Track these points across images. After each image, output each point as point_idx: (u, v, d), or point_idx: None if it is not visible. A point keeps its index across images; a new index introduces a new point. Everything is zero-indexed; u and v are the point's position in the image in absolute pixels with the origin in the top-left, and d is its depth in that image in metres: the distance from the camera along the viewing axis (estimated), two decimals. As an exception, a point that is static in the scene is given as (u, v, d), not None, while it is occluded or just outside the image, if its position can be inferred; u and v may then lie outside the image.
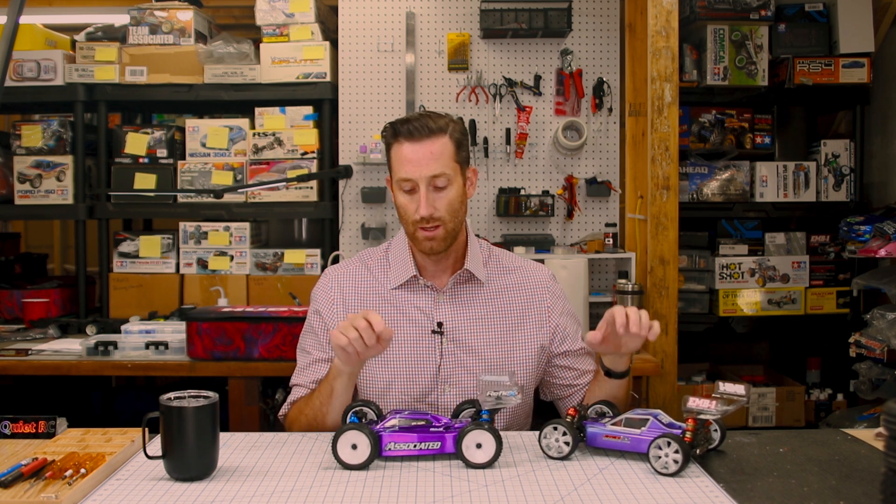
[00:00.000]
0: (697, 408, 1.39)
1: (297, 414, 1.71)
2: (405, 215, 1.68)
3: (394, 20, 3.20)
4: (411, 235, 1.69)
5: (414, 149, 1.63)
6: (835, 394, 3.36)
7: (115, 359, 2.61)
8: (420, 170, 1.63)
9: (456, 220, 1.68)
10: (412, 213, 1.65)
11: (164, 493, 1.26)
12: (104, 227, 3.22)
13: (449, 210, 1.66)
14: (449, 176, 1.65)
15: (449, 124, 1.67)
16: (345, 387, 1.59)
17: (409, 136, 1.64)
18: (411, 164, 1.63)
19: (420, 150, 1.63)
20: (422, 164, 1.63)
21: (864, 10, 3.20)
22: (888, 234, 2.91)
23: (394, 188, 1.70)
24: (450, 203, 1.66)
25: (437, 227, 1.65)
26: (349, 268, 1.80)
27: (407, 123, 1.65)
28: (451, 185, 1.66)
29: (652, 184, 2.56)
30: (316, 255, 3.15)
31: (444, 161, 1.64)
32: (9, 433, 1.50)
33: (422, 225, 1.65)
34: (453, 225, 1.68)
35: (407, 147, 1.64)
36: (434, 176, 1.63)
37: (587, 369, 1.79)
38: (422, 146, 1.63)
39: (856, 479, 1.32)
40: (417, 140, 1.63)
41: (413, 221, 1.66)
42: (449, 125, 1.67)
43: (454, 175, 1.66)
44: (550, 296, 1.78)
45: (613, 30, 3.20)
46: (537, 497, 1.23)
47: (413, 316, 1.72)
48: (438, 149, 1.64)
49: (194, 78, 3.16)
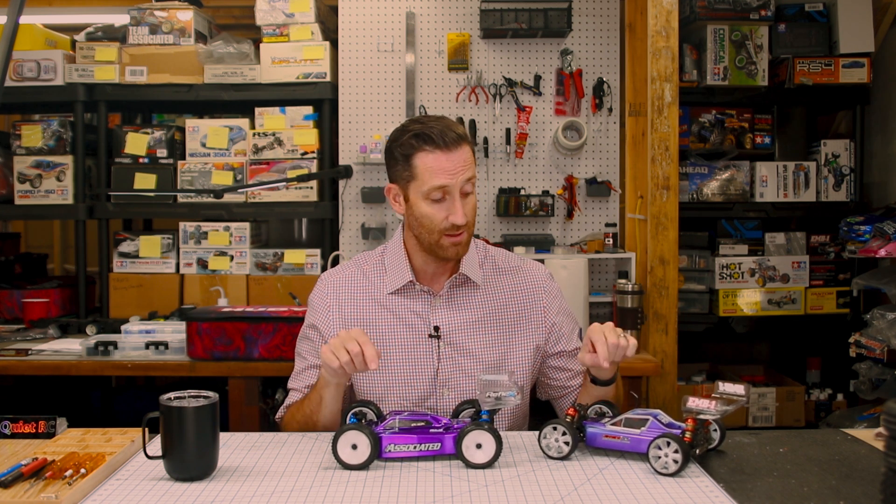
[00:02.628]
0: (697, 408, 1.39)
1: (290, 418, 1.72)
2: (430, 224, 1.64)
3: (394, 20, 3.20)
4: (434, 244, 1.66)
5: (448, 157, 1.61)
6: (835, 394, 3.36)
7: (115, 359, 2.61)
8: (456, 177, 1.61)
9: (475, 224, 1.70)
10: (440, 222, 1.63)
11: (164, 493, 1.26)
12: (104, 227, 3.22)
13: (473, 215, 1.68)
14: (474, 182, 1.67)
15: (465, 131, 1.69)
16: (333, 396, 1.60)
17: (443, 145, 1.61)
18: (447, 172, 1.61)
19: (454, 159, 1.61)
20: (457, 172, 1.61)
21: (864, 10, 3.20)
22: (888, 234, 2.91)
23: (414, 197, 1.65)
24: (473, 208, 1.68)
25: (463, 233, 1.65)
26: (345, 273, 1.79)
27: (432, 129, 1.61)
28: (474, 190, 1.68)
29: (652, 184, 2.56)
30: (316, 255, 3.15)
31: (472, 167, 1.65)
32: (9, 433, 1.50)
33: (449, 232, 1.64)
34: (473, 228, 1.70)
35: (440, 155, 1.61)
36: (468, 179, 1.63)
37: (581, 370, 1.79)
38: (455, 154, 1.61)
39: (856, 479, 1.32)
40: (451, 149, 1.61)
41: (441, 230, 1.64)
42: (466, 132, 1.70)
43: (475, 181, 1.68)
44: (547, 295, 1.78)
45: (613, 30, 3.20)
46: (537, 497, 1.23)
47: (410, 321, 1.72)
48: (469, 156, 1.64)
49: (194, 78, 3.16)
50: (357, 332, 1.50)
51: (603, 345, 1.50)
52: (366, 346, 1.47)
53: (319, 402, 1.61)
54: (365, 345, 1.47)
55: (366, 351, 1.46)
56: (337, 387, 1.58)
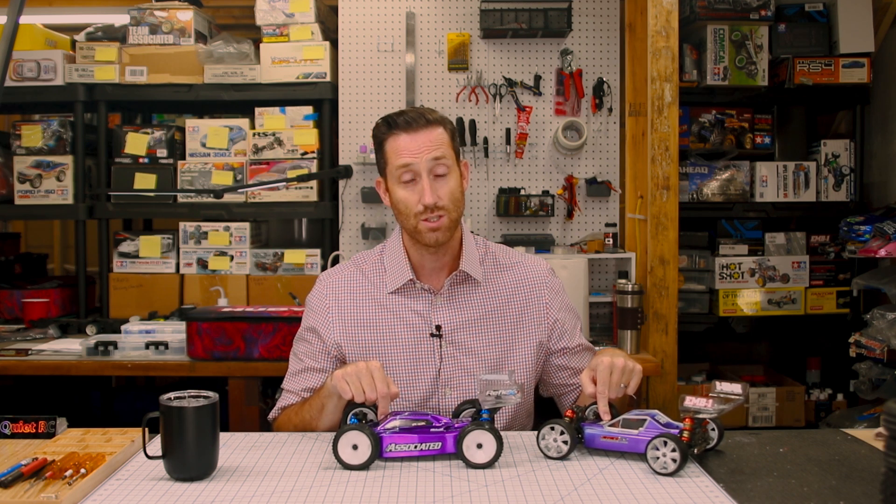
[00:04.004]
0: (694, 407, 1.39)
1: (285, 421, 1.71)
2: (405, 210, 1.64)
3: (394, 20, 3.20)
4: (413, 230, 1.65)
5: (413, 137, 1.62)
6: (835, 394, 3.35)
7: (115, 359, 2.61)
8: (420, 155, 1.61)
9: (458, 210, 1.66)
10: (414, 206, 1.62)
11: (164, 493, 1.26)
12: (104, 227, 3.22)
13: (451, 198, 1.63)
14: (448, 162, 1.63)
15: (442, 117, 1.67)
16: (335, 407, 1.59)
17: (407, 127, 1.62)
18: (410, 151, 1.61)
19: (419, 139, 1.62)
20: (422, 150, 1.61)
21: (864, 10, 3.20)
22: (888, 234, 2.91)
23: (390, 184, 1.66)
24: (451, 191, 1.64)
25: (441, 217, 1.62)
26: (343, 273, 1.77)
27: (402, 115, 1.64)
28: (451, 172, 1.64)
29: (652, 184, 2.56)
30: (316, 255, 3.15)
31: (443, 148, 1.63)
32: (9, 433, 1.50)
33: (425, 216, 1.62)
34: (456, 214, 1.66)
35: (405, 137, 1.62)
36: (435, 159, 1.61)
37: (583, 367, 1.78)
38: (420, 135, 1.62)
39: (856, 479, 1.32)
40: (415, 130, 1.62)
41: (415, 214, 1.62)
42: (442, 117, 1.67)
43: (453, 163, 1.65)
44: (549, 291, 1.76)
45: (613, 30, 3.20)
46: (537, 497, 1.23)
47: (411, 320, 1.70)
48: (437, 137, 1.63)
49: (194, 78, 3.16)
50: (375, 366, 1.48)
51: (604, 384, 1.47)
52: (379, 384, 1.46)
53: (321, 410, 1.60)
54: (379, 381, 1.46)
55: (379, 388, 1.45)
56: (341, 399, 1.57)
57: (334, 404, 1.58)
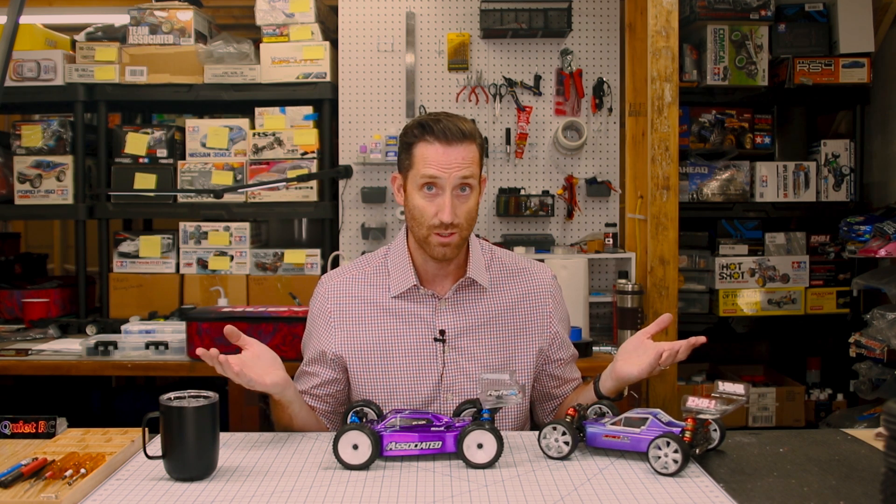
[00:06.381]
0: (697, 407, 1.39)
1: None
2: (421, 218, 1.61)
3: (394, 20, 3.20)
4: (423, 239, 1.63)
5: (446, 150, 1.58)
6: (835, 394, 3.36)
7: (115, 359, 2.61)
8: (450, 171, 1.58)
9: (470, 228, 1.65)
10: (430, 217, 1.60)
11: (164, 493, 1.26)
12: (104, 227, 3.22)
13: (467, 218, 1.62)
14: (473, 182, 1.61)
15: (476, 130, 1.64)
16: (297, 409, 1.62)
17: (443, 138, 1.58)
18: (441, 165, 1.58)
19: (452, 153, 1.58)
20: (452, 166, 1.58)
21: (864, 10, 3.20)
22: (888, 234, 2.91)
23: (409, 187, 1.64)
24: (469, 211, 1.62)
25: (453, 234, 1.61)
26: (346, 276, 1.75)
27: (438, 122, 1.60)
28: (473, 192, 1.63)
29: (652, 184, 2.56)
30: (316, 255, 3.15)
31: (472, 168, 1.61)
32: (9, 433, 1.50)
33: (438, 230, 1.60)
34: (468, 232, 1.64)
35: (438, 147, 1.59)
36: (464, 178, 1.59)
37: (570, 378, 1.79)
38: (454, 149, 1.59)
39: (856, 479, 1.32)
40: (450, 142, 1.58)
41: (430, 225, 1.60)
42: (476, 131, 1.64)
43: (476, 183, 1.63)
44: (553, 301, 1.76)
45: (613, 30, 3.20)
46: (537, 497, 1.23)
47: (414, 324, 1.69)
48: (470, 154, 1.60)
49: (194, 78, 3.16)
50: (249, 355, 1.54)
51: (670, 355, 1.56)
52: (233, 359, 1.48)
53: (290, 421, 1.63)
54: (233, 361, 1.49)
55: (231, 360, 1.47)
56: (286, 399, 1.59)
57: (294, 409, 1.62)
